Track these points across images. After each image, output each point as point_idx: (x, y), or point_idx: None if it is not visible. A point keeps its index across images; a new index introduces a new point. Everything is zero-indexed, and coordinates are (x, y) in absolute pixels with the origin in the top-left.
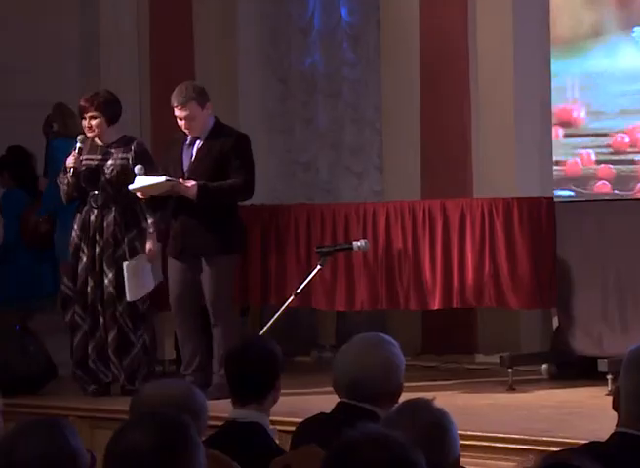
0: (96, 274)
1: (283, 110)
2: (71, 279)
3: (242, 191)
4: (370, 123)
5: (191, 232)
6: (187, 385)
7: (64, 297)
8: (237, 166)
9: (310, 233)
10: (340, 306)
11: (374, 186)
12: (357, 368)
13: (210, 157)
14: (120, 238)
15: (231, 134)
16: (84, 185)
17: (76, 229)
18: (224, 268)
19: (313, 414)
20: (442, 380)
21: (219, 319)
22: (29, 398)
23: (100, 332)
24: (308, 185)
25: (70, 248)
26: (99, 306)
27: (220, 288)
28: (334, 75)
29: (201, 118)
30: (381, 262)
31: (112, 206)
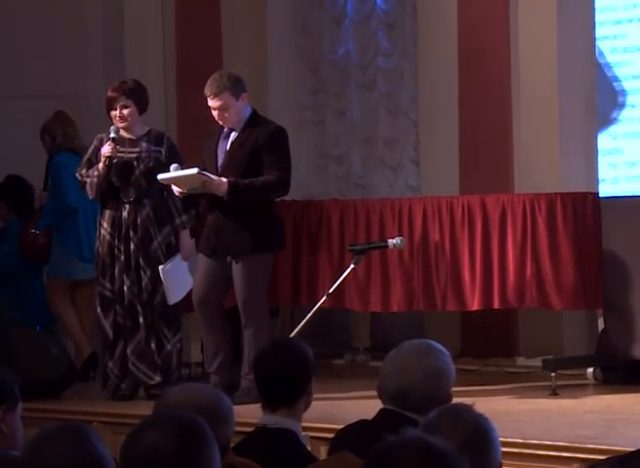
0: (132, 273)
1: (315, 102)
2: (109, 279)
3: (276, 188)
4: (405, 114)
5: (223, 230)
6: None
7: (104, 299)
8: (271, 161)
9: (343, 230)
10: (374, 307)
11: (410, 181)
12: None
13: (243, 150)
14: (154, 234)
15: (267, 126)
16: (114, 180)
17: (106, 227)
18: (256, 268)
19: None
20: (481, 385)
21: (250, 320)
22: (50, 402)
23: (140, 334)
24: (341, 180)
25: (100, 246)
26: (138, 306)
27: (252, 288)
28: (368, 65)
29: (235, 109)
30: (418, 261)
31: (145, 201)
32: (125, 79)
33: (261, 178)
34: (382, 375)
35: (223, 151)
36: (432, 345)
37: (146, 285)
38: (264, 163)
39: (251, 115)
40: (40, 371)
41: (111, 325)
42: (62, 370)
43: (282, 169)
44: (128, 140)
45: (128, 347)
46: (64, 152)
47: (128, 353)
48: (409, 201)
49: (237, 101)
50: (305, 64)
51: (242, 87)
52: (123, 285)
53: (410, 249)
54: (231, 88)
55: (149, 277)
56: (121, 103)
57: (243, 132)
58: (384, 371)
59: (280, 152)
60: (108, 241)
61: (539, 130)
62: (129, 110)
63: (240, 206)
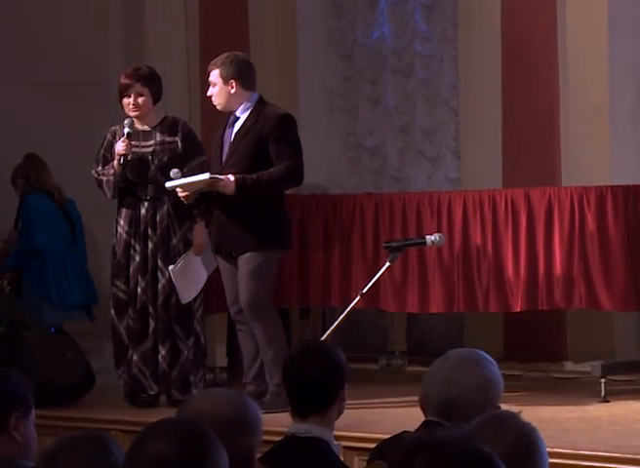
0: (148, 274)
1: (347, 89)
2: (124, 280)
3: (286, 179)
4: (445, 102)
5: (225, 226)
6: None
7: (118, 301)
8: (280, 150)
9: (378, 226)
10: (411, 308)
11: (449, 173)
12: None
13: (248, 141)
14: (173, 231)
15: (271, 114)
16: (130, 177)
17: (123, 225)
18: (259, 265)
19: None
20: (527, 391)
21: (258, 322)
22: (67, 409)
23: (149, 338)
24: (376, 173)
25: (116, 245)
26: (150, 308)
27: (254, 287)
28: (404, 49)
29: (220, 90)
30: (458, 259)
31: (164, 197)
32: (139, 65)
33: (269, 171)
34: (426, 385)
35: (229, 141)
36: (481, 355)
37: (163, 286)
38: (272, 153)
39: (257, 102)
40: (55, 376)
41: (125, 328)
42: (78, 375)
43: (291, 158)
44: (142, 133)
45: (135, 352)
46: (36, 193)
47: (135, 358)
48: (448, 195)
49: (224, 85)
50: (337, 49)
51: (236, 72)
52: (137, 286)
53: (449, 246)
54: (221, 67)
55: (167, 278)
56: (135, 91)
57: (247, 120)
58: (429, 381)
59: (287, 140)
60: (125, 239)
61: (588, 118)
62: (143, 99)
63: (244, 202)
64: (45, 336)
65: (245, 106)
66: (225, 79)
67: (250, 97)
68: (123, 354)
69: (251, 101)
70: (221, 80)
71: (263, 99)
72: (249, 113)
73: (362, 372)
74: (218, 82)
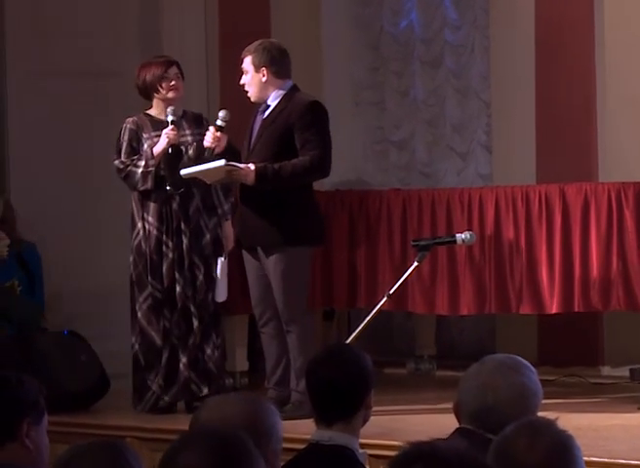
0: (185, 271)
1: (374, 81)
2: (159, 279)
3: (311, 171)
4: (476, 94)
5: (250, 220)
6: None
7: (155, 302)
8: (305, 139)
9: (406, 224)
10: (440, 310)
11: (480, 169)
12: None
13: (274, 128)
14: (204, 226)
15: (300, 100)
16: (163, 167)
17: (152, 221)
18: (291, 263)
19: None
20: (561, 397)
21: (294, 325)
22: (80, 415)
23: (193, 339)
24: (403, 168)
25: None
26: (192, 308)
27: (288, 287)
28: (433, 39)
29: (252, 79)
30: (490, 258)
31: (194, 190)
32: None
33: (293, 161)
34: (461, 391)
35: (256, 130)
36: (519, 361)
37: (201, 284)
38: (298, 142)
39: (289, 90)
40: (68, 381)
41: (161, 330)
42: (93, 380)
43: (317, 148)
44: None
45: (181, 355)
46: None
47: (182, 361)
48: (479, 191)
49: (255, 73)
50: (363, 38)
51: (268, 60)
52: (174, 285)
53: (480, 244)
54: (254, 54)
55: (204, 274)
56: (176, 72)
57: (276, 107)
58: (464, 387)
59: (314, 129)
60: (156, 236)
61: (626, 110)
62: (181, 82)
63: (270, 193)
64: (58, 339)
65: (277, 94)
66: (257, 67)
67: (283, 86)
68: (156, 358)
69: (284, 89)
70: (253, 68)
71: (297, 88)
72: (279, 100)
73: (389, 377)
74: (249, 69)
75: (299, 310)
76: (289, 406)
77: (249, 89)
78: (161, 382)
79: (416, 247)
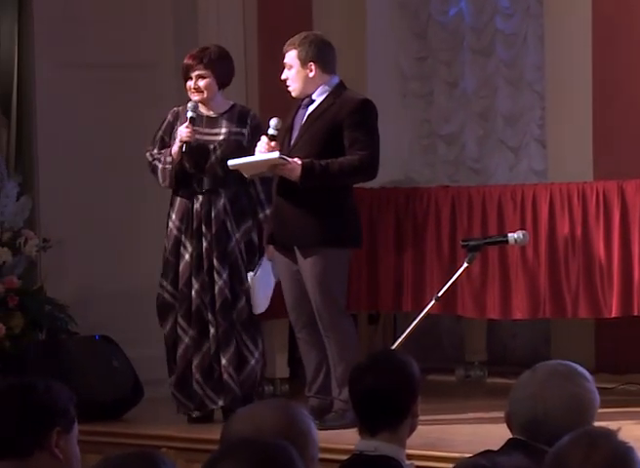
0: (203, 274)
1: (421, 71)
2: (171, 281)
3: (359, 171)
4: (529, 85)
5: (285, 217)
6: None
7: (162, 304)
8: (354, 138)
9: (455, 223)
10: (491, 314)
11: (534, 164)
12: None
13: (320, 125)
14: (231, 229)
15: (350, 98)
16: (187, 165)
17: (174, 219)
18: (328, 265)
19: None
20: (621, 406)
21: (332, 330)
22: (113, 424)
23: (208, 346)
24: (452, 163)
25: (166, 241)
26: (208, 314)
27: (325, 289)
28: (484, 27)
29: (297, 74)
30: (544, 259)
31: (221, 191)
32: (208, 45)
33: (341, 160)
34: (512, 401)
35: (300, 124)
36: (573, 368)
37: (221, 289)
38: (346, 141)
39: (336, 86)
40: (100, 388)
41: (168, 334)
42: (125, 387)
43: (367, 148)
44: (206, 118)
45: (193, 362)
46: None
47: (192, 369)
48: (533, 188)
49: (302, 68)
50: (410, 27)
51: (316, 54)
52: (189, 288)
53: (534, 244)
54: (299, 48)
55: (225, 280)
56: (197, 73)
57: (322, 103)
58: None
59: (365, 128)
60: (175, 236)
61: None
62: (206, 82)
63: (310, 191)
64: (89, 344)
65: (323, 89)
66: (304, 61)
67: (329, 81)
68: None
69: (330, 85)
70: (299, 62)
71: (344, 84)
72: (326, 96)
73: (437, 385)
74: (295, 64)
75: (336, 314)
76: (331, 414)
77: (292, 84)
78: (175, 392)
79: (465, 247)
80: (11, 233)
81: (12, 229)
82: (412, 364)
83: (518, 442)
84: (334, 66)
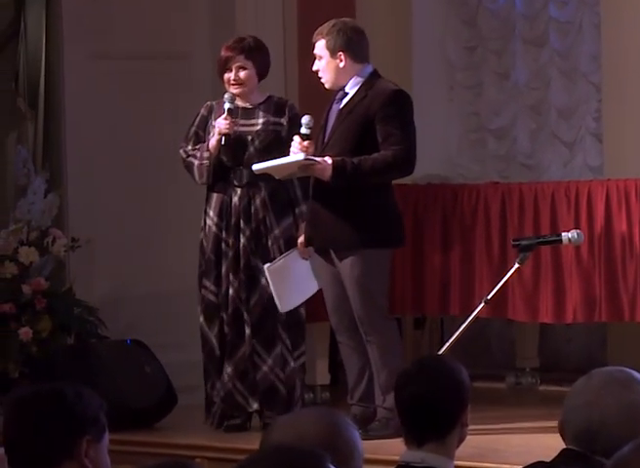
0: (241, 272)
1: (470, 62)
2: (214, 280)
3: (393, 168)
4: (584, 77)
5: (322, 218)
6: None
7: (208, 305)
8: (388, 132)
9: (505, 221)
10: (544, 317)
11: (589, 160)
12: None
13: (352, 119)
14: (270, 225)
15: (382, 89)
16: (224, 159)
17: (212, 216)
18: (368, 267)
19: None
20: None
21: (374, 335)
22: (145, 433)
23: (244, 348)
24: (503, 159)
25: (205, 239)
26: (244, 314)
27: (366, 293)
28: (537, 15)
29: (327, 65)
30: (600, 260)
31: (261, 184)
32: (244, 36)
33: (374, 156)
34: (566, 409)
35: (332, 120)
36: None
37: (263, 287)
38: (379, 135)
39: (369, 76)
40: (131, 395)
41: (217, 336)
42: (158, 394)
43: (401, 142)
44: (242, 110)
45: (227, 364)
46: None
47: (227, 371)
48: (588, 185)
49: (332, 58)
50: (459, 14)
51: (345, 43)
52: (229, 287)
53: (589, 244)
54: (327, 37)
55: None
56: (238, 64)
57: (355, 96)
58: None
59: (398, 122)
60: (215, 233)
61: None
62: (247, 73)
63: (346, 190)
64: (120, 349)
65: (355, 81)
66: (333, 51)
67: (361, 71)
68: (214, 367)
69: (362, 75)
70: (328, 52)
71: (378, 73)
72: (358, 88)
73: (486, 392)
74: (324, 55)
75: (378, 318)
76: (375, 423)
77: (323, 75)
78: (223, 395)
79: (516, 247)
80: (38, 232)
81: (39, 228)
82: (461, 370)
83: (572, 453)
84: (366, 55)
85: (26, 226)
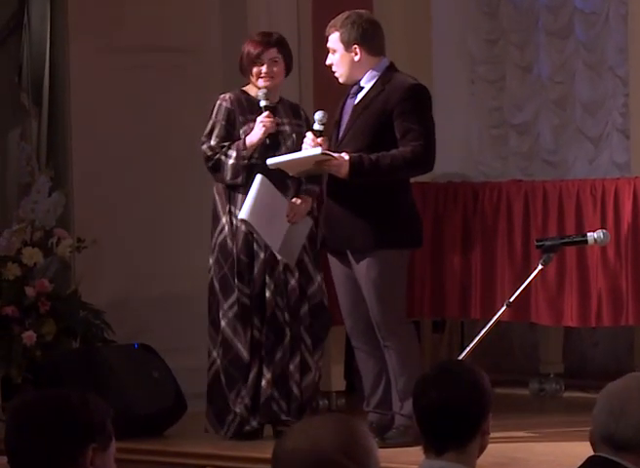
0: (278, 273)
1: (491, 54)
2: (247, 282)
3: (412, 164)
4: (611, 70)
5: (337, 218)
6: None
7: (243, 308)
8: (406, 128)
9: (528, 221)
10: (568, 321)
11: (616, 156)
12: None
13: (368, 114)
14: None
15: (400, 83)
16: (255, 157)
17: None
18: (386, 269)
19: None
20: None
21: (391, 339)
22: (153, 441)
23: (282, 352)
24: (525, 156)
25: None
26: (285, 315)
27: (384, 295)
28: (561, 6)
29: (341, 59)
30: (627, 261)
31: (289, 182)
32: (269, 31)
33: (393, 152)
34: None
35: (347, 116)
36: None
37: (292, 289)
38: (398, 132)
39: (385, 69)
40: (139, 401)
41: (249, 341)
42: (167, 400)
43: (420, 138)
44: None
45: (266, 370)
46: None
47: (266, 377)
48: (615, 182)
49: (346, 51)
50: (479, 6)
51: (360, 36)
52: (264, 290)
53: (616, 245)
54: (341, 31)
55: (297, 278)
56: (271, 57)
57: (371, 90)
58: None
59: (416, 117)
60: (245, 233)
61: None
62: (280, 67)
63: (362, 188)
64: (127, 354)
65: (371, 75)
66: (347, 44)
67: (377, 64)
68: (241, 374)
69: (378, 69)
70: (342, 46)
71: (394, 66)
72: (374, 82)
73: (509, 399)
74: (338, 48)
75: (396, 321)
76: (392, 431)
77: (337, 69)
78: (248, 402)
79: (540, 247)
80: (42, 232)
81: (43, 228)
82: (482, 376)
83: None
84: (382, 48)
85: (30, 226)
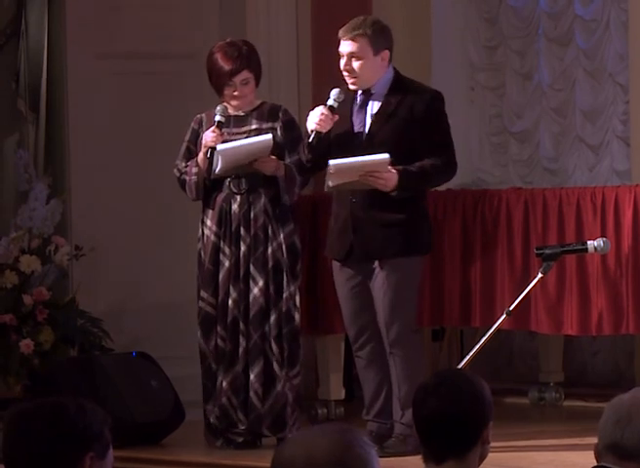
0: (240, 282)
1: (491, 61)
2: (212, 291)
3: (445, 173)
4: (611, 77)
5: (363, 227)
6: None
7: (206, 317)
8: (435, 139)
9: (528, 229)
10: (568, 329)
11: (616, 164)
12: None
13: (394, 124)
14: (272, 233)
15: (421, 92)
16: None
17: (210, 225)
18: (405, 276)
19: None
20: None
21: (399, 347)
22: (151, 450)
23: (240, 363)
24: (525, 163)
25: (203, 250)
26: (241, 325)
27: (399, 303)
28: (562, 13)
29: (370, 65)
30: (627, 269)
31: (261, 190)
32: (233, 40)
33: (431, 162)
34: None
35: (362, 125)
36: None
37: (255, 298)
38: (423, 141)
39: (394, 78)
40: (137, 410)
41: (213, 350)
42: (165, 409)
43: (448, 148)
44: (234, 118)
45: (225, 377)
46: None
47: (223, 385)
48: (615, 190)
49: (375, 56)
50: (479, 12)
51: (386, 42)
52: (228, 298)
53: (616, 253)
54: (372, 36)
55: (261, 287)
56: (243, 78)
57: (388, 99)
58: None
59: (442, 127)
60: (213, 242)
61: None
62: (251, 86)
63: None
64: (125, 362)
65: (384, 80)
66: (376, 50)
67: (388, 70)
68: (212, 384)
69: (389, 74)
70: (371, 52)
71: (400, 74)
72: (389, 89)
73: (508, 408)
74: (365, 53)
75: (407, 329)
76: (392, 440)
77: (361, 76)
78: (217, 412)
79: (540, 256)
80: (40, 240)
81: (41, 235)
82: (482, 385)
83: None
84: None
85: (28, 234)
